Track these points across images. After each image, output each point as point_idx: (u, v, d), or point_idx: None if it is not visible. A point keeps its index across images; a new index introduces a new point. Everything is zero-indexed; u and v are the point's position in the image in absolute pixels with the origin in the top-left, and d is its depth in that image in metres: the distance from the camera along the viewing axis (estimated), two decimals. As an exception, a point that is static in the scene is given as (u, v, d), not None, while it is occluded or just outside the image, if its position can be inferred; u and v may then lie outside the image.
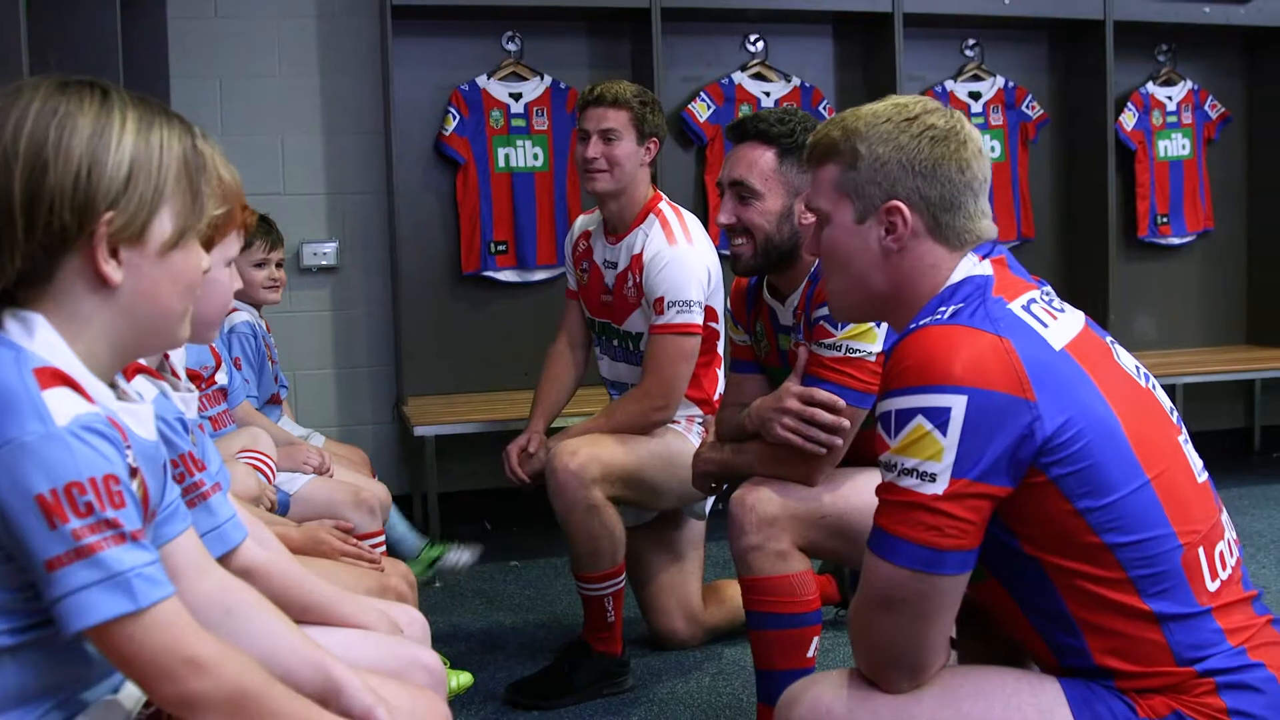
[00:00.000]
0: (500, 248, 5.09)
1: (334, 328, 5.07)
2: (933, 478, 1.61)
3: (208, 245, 1.89)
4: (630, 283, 3.52)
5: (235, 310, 3.65)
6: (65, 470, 1.25)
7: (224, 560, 1.69)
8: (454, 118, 4.99)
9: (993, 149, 5.46)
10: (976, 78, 5.56)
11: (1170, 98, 5.85)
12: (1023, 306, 1.72)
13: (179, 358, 2.20)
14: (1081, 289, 5.55)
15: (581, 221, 3.81)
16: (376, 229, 5.03)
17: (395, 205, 4.86)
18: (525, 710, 3.30)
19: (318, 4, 4.94)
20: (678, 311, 3.42)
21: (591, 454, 3.31)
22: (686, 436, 3.49)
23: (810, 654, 2.70)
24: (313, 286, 5.02)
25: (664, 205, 3.58)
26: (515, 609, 4.17)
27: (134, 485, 1.33)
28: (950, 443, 1.60)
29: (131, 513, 1.29)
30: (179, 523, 1.54)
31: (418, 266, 5.02)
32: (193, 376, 3.16)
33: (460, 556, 4.15)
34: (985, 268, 1.79)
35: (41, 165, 1.32)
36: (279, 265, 3.82)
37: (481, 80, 5.03)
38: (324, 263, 4.99)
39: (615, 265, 3.58)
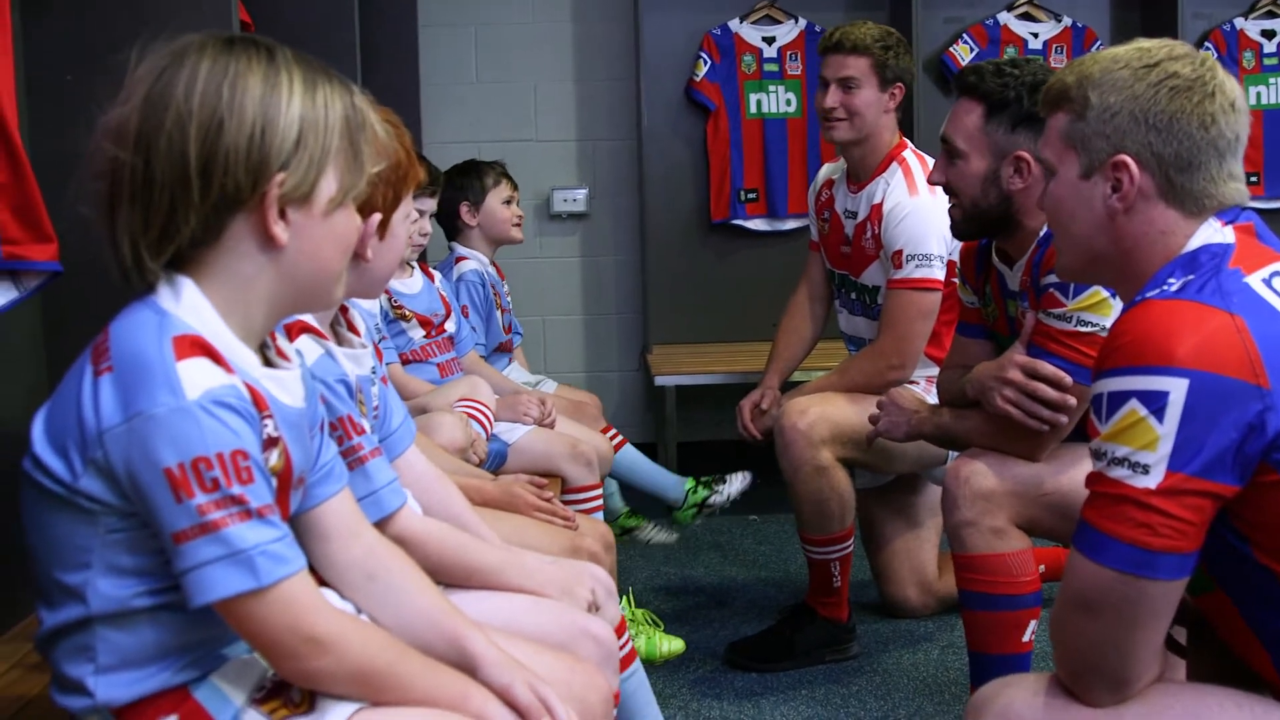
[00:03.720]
0: (750, 196, 4.99)
1: (583, 274, 5.09)
2: (1145, 469, 1.44)
3: (394, 204, 1.88)
4: (869, 234, 3.37)
5: (464, 259, 3.69)
6: (193, 445, 1.24)
7: (379, 526, 1.67)
8: (705, 63, 4.90)
9: (1290, 93, 4.98)
10: (1272, 14, 5.05)
11: None
12: (1263, 280, 1.51)
13: (365, 311, 2.21)
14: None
15: (825, 170, 3.67)
16: (626, 176, 5.01)
17: (645, 152, 4.84)
18: (743, 671, 3.24)
19: (570, -50, 4.93)
20: (917, 265, 3.25)
21: (821, 413, 3.20)
22: (925, 399, 3.33)
23: (1026, 638, 2.54)
24: (562, 233, 5.05)
25: (908, 153, 3.40)
26: (748, 564, 4.11)
27: (274, 455, 1.32)
28: (1167, 431, 1.43)
29: (260, 488, 1.28)
30: (334, 484, 1.53)
31: (667, 214, 4.98)
32: (423, 323, 3.21)
33: (656, 534, 4.09)
34: (1227, 235, 1.58)
35: (216, 125, 1.31)
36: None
37: (734, 24, 4.91)
38: (574, 209, 5.01)
39: (855, 215, 3.43)
